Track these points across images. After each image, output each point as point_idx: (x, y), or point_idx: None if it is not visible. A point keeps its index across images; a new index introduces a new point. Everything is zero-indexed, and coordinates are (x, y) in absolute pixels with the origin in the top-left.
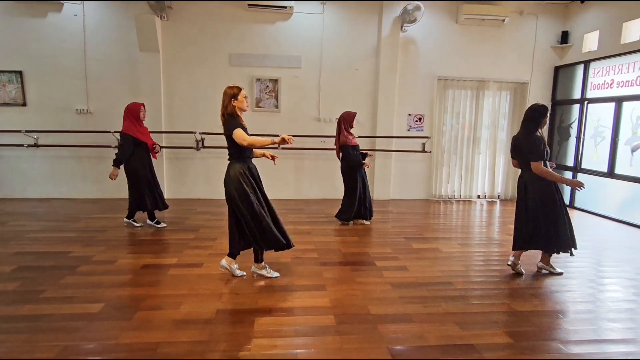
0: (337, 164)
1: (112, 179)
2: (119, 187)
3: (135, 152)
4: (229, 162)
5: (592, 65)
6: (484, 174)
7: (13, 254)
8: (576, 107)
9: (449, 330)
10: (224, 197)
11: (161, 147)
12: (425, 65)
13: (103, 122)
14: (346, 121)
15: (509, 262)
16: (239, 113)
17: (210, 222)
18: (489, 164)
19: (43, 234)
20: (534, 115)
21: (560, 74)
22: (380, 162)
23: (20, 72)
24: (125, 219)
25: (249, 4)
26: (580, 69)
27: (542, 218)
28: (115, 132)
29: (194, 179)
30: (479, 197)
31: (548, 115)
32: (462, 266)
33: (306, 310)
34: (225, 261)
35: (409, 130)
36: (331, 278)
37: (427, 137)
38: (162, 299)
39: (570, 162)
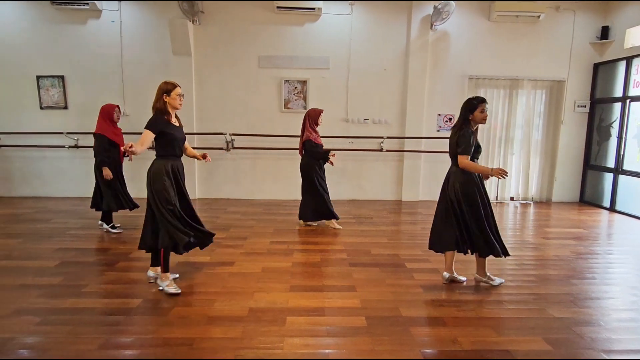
0: (365, 164)
1: (109, 179)
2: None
3: (108, 152)
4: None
5: (635, 61)
6: (518, 175)
7: (56, 250)
8: (617, 106)
9: (484, 335)
10: (252, 197)
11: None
12: (456, 64)
13: (138, 124)
14: (311, 118)
15: (445, 279)
16: (169, 110)
17: (240, 222)
18: (523, 165)
19: (83, 231)
20: (463, 108)
21: (600, 71)
22: (409, 163)
23: (62, 77)
24: (102, 222)
25: (277, 6)
26: (622, 66)
27: (467, 218)
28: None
29: (223, 179)
30: (512, 199)
31: (481, 109)
32: (495, 270)
33: (337, 311)
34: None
35: (438, 130)
36: (361, 279)
37: None
38: (196, 295)
39: (610, 163)
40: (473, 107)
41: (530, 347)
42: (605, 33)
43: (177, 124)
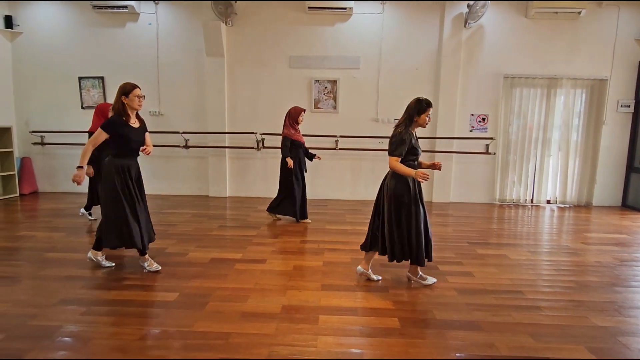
0: None
1: (90, 177)
2: (185, 185)
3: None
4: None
5: None
6: (555, 177)
7: None
8: None
9: (522, 341)
10: None
11: (224, 147)
12: (490, 63)
13: (172, 124)
14: (291, 116)
15: (360, 272)
16: (129, 112)
17: (270, 221)
18: (561, 167)
19: None
20: (412, 108)
21: None
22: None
23: (102, 78)
24: (83, 209)
25: (308, 7)
26: None
27: (394, 221)
28: (184, 132)
29: (254, 178)
30: (548, 202)
31: (427, 113)
32: (532, 275)
33: (370, 311)
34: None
35: (471, 131)
36: (393, 280)
37: (491, 139)
38: (230, 291)
39: None
40: (422, 110)
41: (572, 355)
42: None
43: (136, 125)
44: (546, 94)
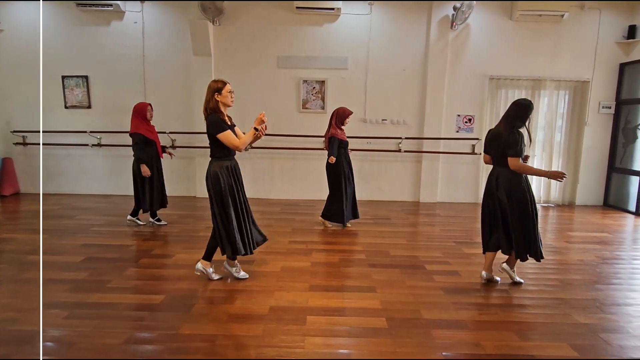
0: (383, 165)
1: (147, 176)
2: (172, 185)
3: (144, 150)
4: (210, 160)
5: None
6: (539, 177)
7: (81, 246)
8: None
9: (507, 340)
10: (270, 197)
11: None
12: (476, 64)
13: (159, 124)
14: (338, 117)
15: (484, 278)
16: (222, 109)
17: (258, 221)
18: (545, 168)
19: (106, 227)
20: (520, 111)
21: (627, 71)
22: (427, 164)
23: (86, 77)
24: (129, 216)
25: (296, 7)
26: None
27: (515, 219)
28: (171, 132)
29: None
30: None
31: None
32: (517, 273)
33: (357, 312)
34: (201, 264)
35: (457, 131)
36: (381, 280)
37: (477, 139)
38: (217, 293)
39: (636, 165)
40: (530, 110)
41: (555, 352)
42: (632, 32)
43: (229, 122)
44: (530, 95)
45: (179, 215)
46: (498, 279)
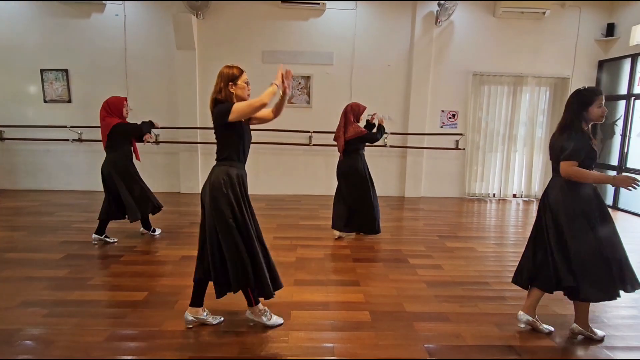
0: (369, 159)
1: (150, 142)
2: (156, 181)
3: (120, 149)
4: (216, 163)
5: None
6: (521, 172)
7: (61, 243)
8: (622, 104)
9: (487, 331)
10: (255, 192)
11: (195, 143)
12: (460, 60)
13: (142, 119)
14: (354, 113)
15: (522, 324)
16: (235, 102)
17: None
18: (526, 162)
19: (87, 224)
20: (571, 104)
21: (605, 68)
22: (411, 159)
23: (66, 71)
24: (95, 235)
25: (282, 0)
26: (627, 64)
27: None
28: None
29: None
30: (514, 196)
31: (597, 102)
32: (498, 266)
33: (341, 305)
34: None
35: (441, 127)
36: (364, 274)
37: (460, 134)
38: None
39: (614, 161)
40: (589, 100)
41: (533, 343)
42: (610, 30)
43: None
44: (512, 92)
45: (162, 211)
46: (550, 328)
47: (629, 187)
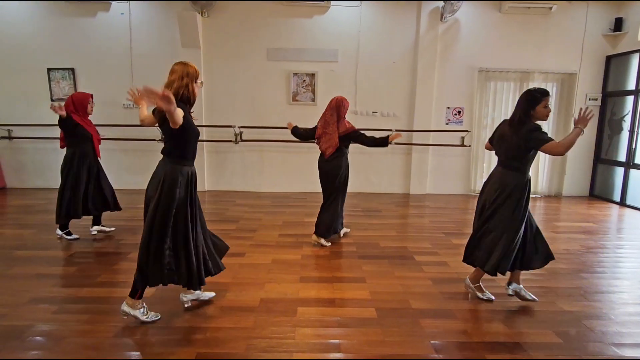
0: (374, 156)
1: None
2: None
3: (79, 148)
4: (164, 160)
5: None
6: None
7: (69, 240)
8: (630, 99)
9: (494, 328)
10: (260, 190)
11: (201, 141)
12: (466, 56)
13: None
14: (345, 108)
15: (510, 292)
16: (192, 102)
17: (249, 214)
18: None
19: None
20: (521, 103)
21: (613, 63)
22: (417, 156)
23: (72, 69)
24: (59, 231)
25: None
26: (635, 58)
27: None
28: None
29: (232, 172)
30: None
31: (544, 104)
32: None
33: (347, 302)
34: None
35: (447, 123)
36: (370, 271)
37: (466, 131)
38: (208, 285)
39: (621, 157)
40: (536, 101)
41: (540, 339)
42: (618, 25)
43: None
44: (519, 88)
45: None
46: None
47: (588, 118)
